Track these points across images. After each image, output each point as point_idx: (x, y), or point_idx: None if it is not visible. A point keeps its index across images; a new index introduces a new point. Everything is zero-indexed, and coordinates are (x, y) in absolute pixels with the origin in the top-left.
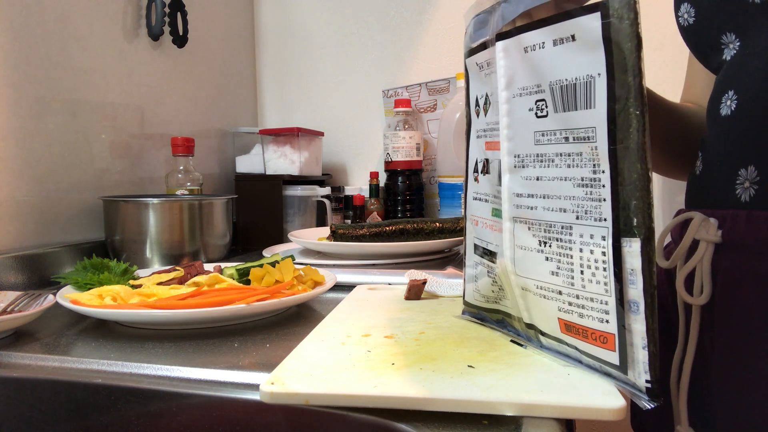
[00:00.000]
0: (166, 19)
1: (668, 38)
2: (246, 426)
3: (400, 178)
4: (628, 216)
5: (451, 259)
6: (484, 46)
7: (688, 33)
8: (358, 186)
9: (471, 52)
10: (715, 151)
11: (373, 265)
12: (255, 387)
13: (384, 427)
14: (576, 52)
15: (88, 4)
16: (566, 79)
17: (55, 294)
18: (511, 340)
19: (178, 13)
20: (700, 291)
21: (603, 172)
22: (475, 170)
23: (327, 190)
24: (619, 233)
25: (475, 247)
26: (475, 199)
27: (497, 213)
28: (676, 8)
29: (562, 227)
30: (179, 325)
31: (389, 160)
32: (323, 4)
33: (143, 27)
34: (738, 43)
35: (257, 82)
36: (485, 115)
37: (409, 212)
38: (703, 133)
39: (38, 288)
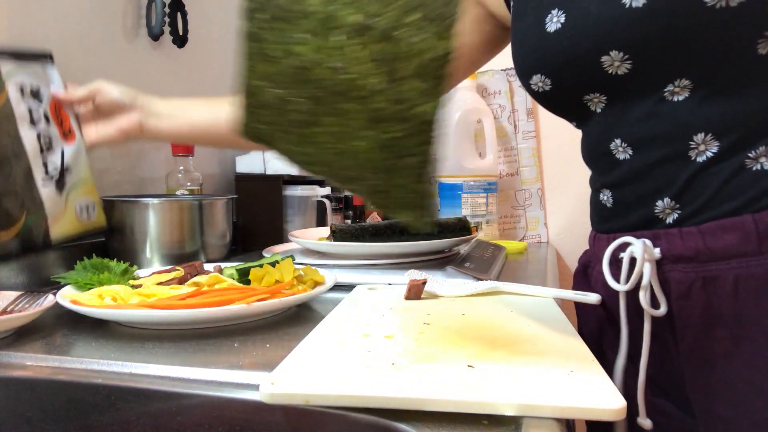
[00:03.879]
0: (166, 19)
1: None
2: (246, 426)
3: None
4: None
5: (451, 259)
6: None
7: (542, 97)
8: None
9: None
10: (624, 189)
11: (373, 265)
12: (255, 387)
13: (384, 427)
14: None
15: (88, 4)
16: None
17: (55, 294)
18: None
19: (178, 13)
20: (657, 305)
21: None
22: None
23: (327, 190)
24: None
25: None
26: None
27: None
28: (526, 77)
29: None
30: (179, 325)
31: None
32: None
33: (143, 27)
34: (605, 98)
35: None
36: None
37: None
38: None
39: (38, 288)
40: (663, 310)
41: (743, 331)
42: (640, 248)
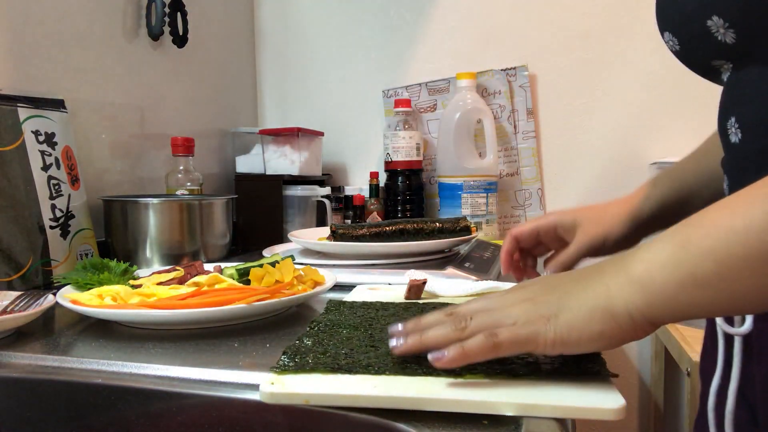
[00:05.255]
0: (166, 19)
1: None
2: (246, 426)
3: (400, 178)
4: None
5: (451, 259)
6: None
7: (678, 57)
8: (358, 186)
9: None
10: (734, 176)
11: (373, 265)
12: (255, 387)
13: (384, 427)
14: None
15: (88, 4)
16: None
17: (55, 294)
18: None
19: (178, 13)
20: (741, 321)
21: None
22: None
23: (327, 190)
24: None
25: None
26: None
27: None
28: (661, 34)
29: None
30: (179, 325)
31: (389, 160)
32: (323, 4)
33: (143, 27)
34: (731, 65)
35: (257, 82)
36: None
37: (409, 212)
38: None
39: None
40: (745, 328)
41: None
42: None
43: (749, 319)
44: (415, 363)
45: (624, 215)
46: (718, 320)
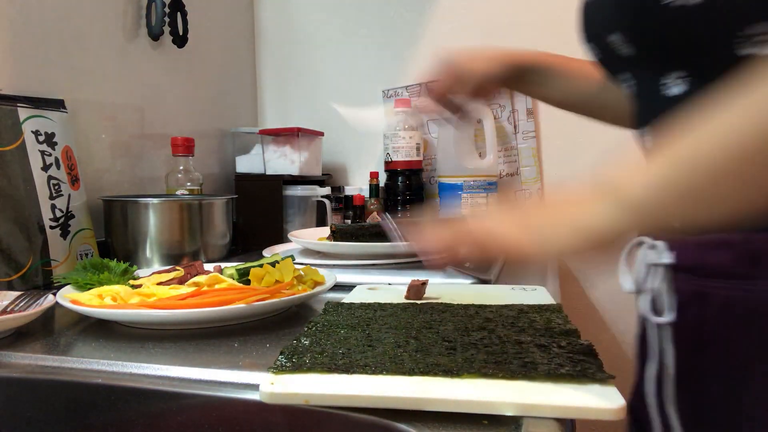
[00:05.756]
0: (166, 19)
1: None
2: (246, 426)
3: (400, 178)
4: None
5: None
6: None
7: (600, 65)
8: (358, 186)
9: None
10: None
11: (373, 265)
12: (255, 387)
13: (384, 427)
14: None
15: (88, 4)
16: None
17: (55, 294)
18: None
19: (178, 13)
20: (664, 311)
21: None
22: None
23: (327, 190)
24: None
25: None
26: None
27: None
28: (585, 44)
29: None
30: (179, 325)
31: (389, 160)
32: (323, 4)
33: (143, 27)
34: (634, 81)
35: (257, 82)
36: None
37: (409, 212)
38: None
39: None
40: (666, 318)
41: (732, 358)
42: (642, 251)
43: (669, 312)
44: (413, 363)
45: (500, 57)
46: (646, 310)
